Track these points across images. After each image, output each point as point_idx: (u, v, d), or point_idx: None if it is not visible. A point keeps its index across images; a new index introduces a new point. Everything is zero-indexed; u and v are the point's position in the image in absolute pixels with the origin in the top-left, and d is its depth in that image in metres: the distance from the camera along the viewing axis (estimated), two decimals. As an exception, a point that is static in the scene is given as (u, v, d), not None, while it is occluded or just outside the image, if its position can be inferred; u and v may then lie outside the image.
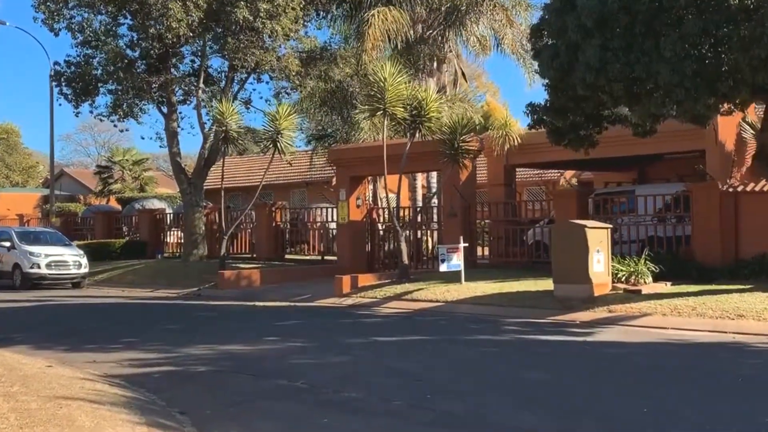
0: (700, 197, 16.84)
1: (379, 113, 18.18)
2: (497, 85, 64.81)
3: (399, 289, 17.48)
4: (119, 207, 36.92)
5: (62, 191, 46.17)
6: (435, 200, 30.00)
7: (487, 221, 21.60)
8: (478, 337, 11.74)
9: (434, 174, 29.30)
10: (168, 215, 30.30)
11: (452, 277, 17.32)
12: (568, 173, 37.33)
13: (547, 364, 9.42)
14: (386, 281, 18.50)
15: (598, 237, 14.98)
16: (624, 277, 15.54)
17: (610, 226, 15.75)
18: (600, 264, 14.93)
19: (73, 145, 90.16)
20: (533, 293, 15.57)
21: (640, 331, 12.36)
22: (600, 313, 13.89)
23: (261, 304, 17.78)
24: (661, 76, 11.40)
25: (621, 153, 18.82)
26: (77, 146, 79.99)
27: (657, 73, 11.45)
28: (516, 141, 20.12)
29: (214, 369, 9.47)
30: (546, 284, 16.33)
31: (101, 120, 25.41)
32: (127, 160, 42.70)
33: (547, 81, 13.63)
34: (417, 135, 18.97)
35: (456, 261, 17.04)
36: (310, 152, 32.56)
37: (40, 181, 55.69)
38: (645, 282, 15.42)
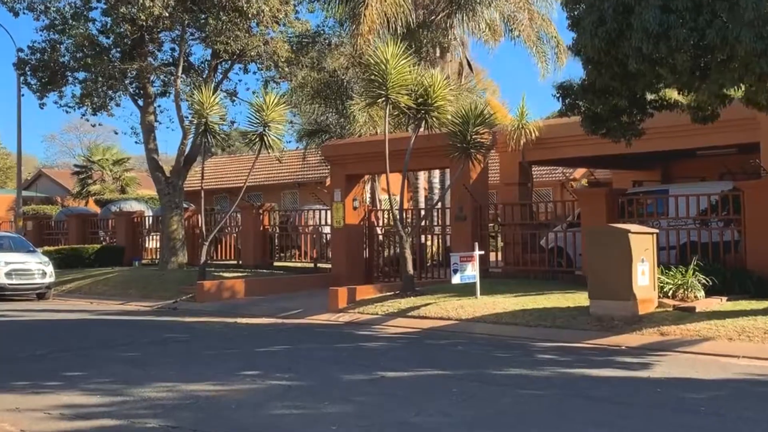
0: (754, 197, 14.47)
1: (380, 100, 15.76)
2: (497, 83, 62.46)
3: (403, 303, 15.08)
4: (98, 209, 34.40)
5: (39, 192, 43.62)
6: (439, 201, 27.72)
7: (498, 224, 19.16)
8: (511, 372, 9.33)
9: (436, 173, 27.00)
10: (147, 218, 27.81)
11: (464, 290, 14.94)
12: (578, 172, 35.07)
13: (618, 420, 7.01)
14: (388, 294, 16.09)
15: (643, 244, 12.61)
16: (671, 291, 13.18)
17: (656, 230, 13.37)
18: (645, 276, 12.56)
19: (58, 146, 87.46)
20: (563, 310, 13.18)
21: (708, 362, 9.99)
22: (650, 336, 11.52)
23: (243, 321, 15.36)
24: (741, 43, 9.03)
25: (658, 147, 16.37)
26: (62, 147, 77.38)
27: (735, 39, 9.07)
28: (533, 134, 17.82)
29: (168, 425, 7.03)
30: (576, 299, 13.99)
31: (67, 112, 22.94)
32: (107, 159, 40.05)
33: (585, 56, 11.22)
34: (423, 127, 16.58)
35: (470, 271, 14.64)
36: (302, 150, 30.17)
37: (20, 182, 52.95)
38: (696, 297, 13.06)
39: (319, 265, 22.24)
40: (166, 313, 17.40)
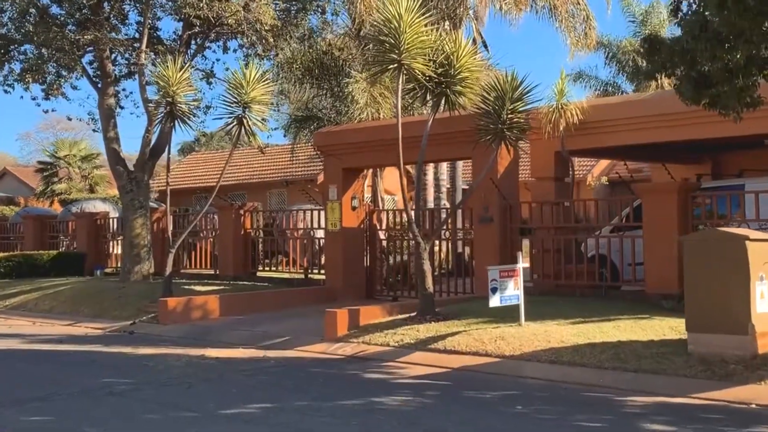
0: None
1: (392, 67, 12.20)
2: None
3: (422, 331, 11.55)
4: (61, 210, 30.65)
5: (3, 192, 39.83)
6: (444, 200, 24.33)
7: (531, 228, 15.65)
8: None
9: (444, 169, 23.65)
10: (112, 220, 24.15)
11: (500, 313, 11.42)
12: (598, 168, 31.66)
13: None
14: (401, 317, 12.56)
15: (763, 255, 9.14)
16: (789, 319, 9.73)
17: (775, 236, 9.90)
18: (765, 300, 9.09)
19: (34, 144, 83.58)
20: (646, 346, 9.69)
21: None
22: (789, 388, 8.04)
23: (214, 353, 11.80)
24: None
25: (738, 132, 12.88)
26: (38, 145, 73.57)
27: None
28: (576, 117, 14.37)
29: None
30: (656, 327, 10.58)
31: (6, 91, 19.21)
32: (74, 155, 36.22)
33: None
34: (443, 105, 13.09)
35: (513, 290, 11.11)
36: (290, 145, 26.67)
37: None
38: (826, 327, 9.60)
39: (310, 275, 18.65)
40: (119, 339, 13.81)
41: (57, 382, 9.70)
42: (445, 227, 18.22)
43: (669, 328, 10.36)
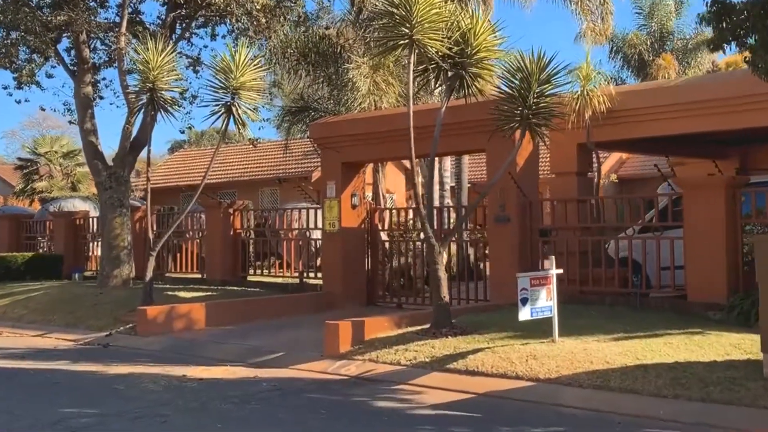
0: None
1: (403, 43, 10.63)
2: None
3: (438, 347, 10.00)
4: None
5: (-18, 191, 38.21)
6: (448, 199, 22.90)
7: (553, 229, 14.13)
8: None
9: (448, 164, 22.16)
10: (93, 220, 22.52)
11: (529, 326, 9.91)
12: (606, 166, 30.19)
13: None
14: (411, 330, 11.01)
15: None
16: None
17: None
18: None
19: (19, 142, 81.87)
20: (709, 368, 8.17)
21: None
22: None
23: (197, 373, 10.23)
24: None
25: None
26: (24, 143, 71.87)
27: None
28: (603, 105, 12.92)
29: None
30: (715, 344, 9.12)
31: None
32: (55, 151, 34.52)
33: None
34: (458, 88, 11.57)
35: (546, 301, 9.57)
36: (283, 141, 25.11)
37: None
38: None
39: (306, 280, 17.07)
40: (91, 354, 12.22)
41: (4, 411, 8.11)
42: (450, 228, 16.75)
43: (731, 345, 8.87)
